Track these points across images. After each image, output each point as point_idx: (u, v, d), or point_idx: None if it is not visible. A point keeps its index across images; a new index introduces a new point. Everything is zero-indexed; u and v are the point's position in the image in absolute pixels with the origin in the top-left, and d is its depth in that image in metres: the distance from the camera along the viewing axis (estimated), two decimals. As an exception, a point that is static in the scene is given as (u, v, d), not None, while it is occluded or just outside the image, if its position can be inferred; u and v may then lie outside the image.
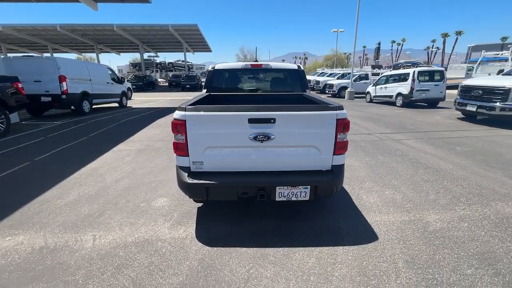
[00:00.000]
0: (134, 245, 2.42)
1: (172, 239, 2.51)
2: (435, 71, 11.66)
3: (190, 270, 2.10)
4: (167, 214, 2.96)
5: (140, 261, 2.21)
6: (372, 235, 2.56)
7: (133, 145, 5.75)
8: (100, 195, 3.41)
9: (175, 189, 3.55)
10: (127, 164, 4.56)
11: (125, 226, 2.71)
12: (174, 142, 2.43)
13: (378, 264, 2.16)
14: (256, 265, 2.16)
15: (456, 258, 2.22)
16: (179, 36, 27.08)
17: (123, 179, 3.92)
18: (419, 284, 1.95)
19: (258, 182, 2.36)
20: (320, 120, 2.31)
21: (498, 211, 2.96)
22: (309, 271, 2.09)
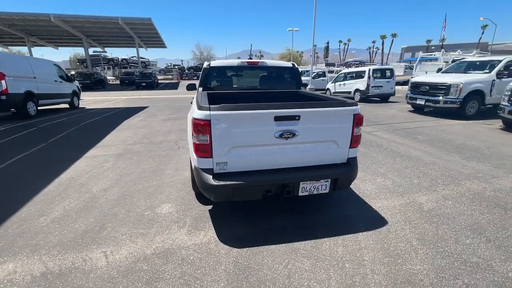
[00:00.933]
0: (156, 256, 2.25)
1: (195, 245, 2.40)
2: (386, 69, 12.99)
3: (228, 274, 2.05)
4: (179, 220, 2.80)
5: (171, 272, 2.07)
6: (381, 219, 2.80)
7: (108, 149, 5.21)
8: (91, 207, 3.05)
9: (176, 194, 3.37)
10: (110, 171, 4.13)
11: (137, 238, 2.49)
12: (195, 144, 2.30)
13: (397, 245, 2.39)
14: (292, 260, 2.20)
15: (454, 231, 2.58)
16: (131, 31, 25.10)
17: (112, 187, 3.56)
18: (435, 257, 2.22)
19: (283, 179, 2.39)
20: (339, 116, 2.43)
21: (469, 189, 3.50)
22: (342, 259, 2.21)
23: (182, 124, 7.66)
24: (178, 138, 6.08)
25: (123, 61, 42.06)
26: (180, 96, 16.11)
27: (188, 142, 2.89)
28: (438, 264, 2.14)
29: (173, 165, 4.39)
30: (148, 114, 9.42)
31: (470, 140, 5.86)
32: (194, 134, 2.29)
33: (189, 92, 5.42)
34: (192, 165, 2.70)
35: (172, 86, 25.80)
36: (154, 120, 8.28)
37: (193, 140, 2.35)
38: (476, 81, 8.00)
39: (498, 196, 3.29)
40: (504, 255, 2.24)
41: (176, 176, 3.94)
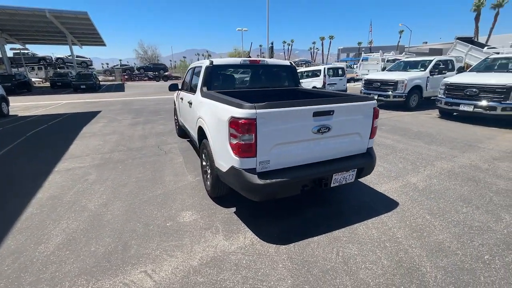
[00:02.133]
0: (206, 266, 2.12)
1: (240, 249, 2.33)
2: (338, 68, 14.21)
3: (289, 271, 2.06)
4: (208, 226, 2.67)
5: (232, 279, 1.99)
6: (392, 201, 3.14)
7: (82, 161, 4.55)
8: (99, 226, 2.67)
9: (190, 200, 3.18)
10: (98, 184, 3.64)
11: (173, 251, 2.30)
12: (238, 144, 2.24)
13: (416, 221, 2.72)
14: (339, 248, 2.32)
15: (451, 203, 3.06)
16: (62, 26, 21.93)
17: (112, 201, 3.16)
18: (449, 226, 2.61)
19: (321, 172, 2.49)
20: (363, 110, 2.65)
21: (442, 168, 4.15)
22: (381, 239, 2.43)
23: (154, 127, 7.12)
24: (158, 142, 5.65)
25: (58, 60, 35.87)
26: (134, 99, 14.83)
27: (212, 143, 2.75)
28: (454, 231, 2.53)
29: (169, 171, 4.09)
30: (107, 119, 8.45)
31: (422, 127, 6.89)
32: (237, 134, 2.22)
33: (143, 93, 5.14)
34: (221, 167, 2.60)
35: (118, 88, 23.52)
36: (119, 125, 7.48)
37: (234, 140, 2.27)
38: (416, 77, 9.39)
39: (464, 171, 3.99)
40: (494, 217, 2.76)
41: (179, 182, 3.70)
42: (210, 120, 2.77)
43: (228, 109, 2.35)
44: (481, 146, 5.24)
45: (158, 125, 7.48)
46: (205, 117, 2.94)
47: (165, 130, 6.78)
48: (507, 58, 8.18)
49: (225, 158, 2.51)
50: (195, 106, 3.51)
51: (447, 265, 2.10)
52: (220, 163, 2.63)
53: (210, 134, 2.78)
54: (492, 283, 1.92)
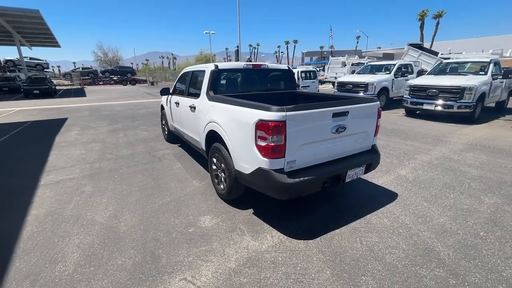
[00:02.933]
0: (245, 267, 2.16)
1: (272, 247, 2.41)
2: (311, 71, 14.86)
3: (325, 263, 2.20)
4: (232, 229, 2.69)
5: (274, 276, 2.06)
6: (392, 192, 3.45)
7: (69, 172, 4.19)
8: (116, 238, 2.54)
9: (204, 205, 3.16)
10: (98, 195, 3.41)
11: (206, 256, 2.29)
12: (267, 145, 2.32)
13: (417, 208, 3.05)
14: (361, 237, 2.53)
15: (440, 191, 3.47)
16: (8, 24, 19.62)
17: (121, 212, 3.00)
18: (445, 211, 2.98)
19: (339, 169, 2.68)
20: (370, 110, 2.90)
21: (423, 160, 4.65)
22: (393, 227, 2.69)
23: (138, 134, 6.79)
24: (147, 149, 5.42)
25: (8, 63, 31.20)
26: (101, 104, 13.86)
27: (232, 146, 2.78)
28: (450, 214, 2.90)
29: (171, 177, 3.98)
30: (80, 127, 7.82)
31: (394, 125, 7.58)
32: (266, 136, 2.30)
33: (109, 99, 5.01)
34: (243, 169, 2.65)
35: (78, 93, 21.71)
36: (97, 133, 6.98)
37: (262, 142, 2.35)
38: (383, 80, 10.27)
39: (441, 162, 4.52)
40: (476, 200, 3.21)
41: (186, 188, 3.63)
42: (229, 124, 2.80)
43: (254, 112, 2.42)
44: (447, 140, 5.96)
45: (140, 131, 7.14)
46: (220, 121, 2.95)
47: (150, 136, 6.51)
48: (457, 63, 9.38)
49: (249, 160, 2.57)
50: (202, 110, 3.50)
51: (454, 244, 2.41)
52: (242, 165, 2.68)
53: (229, 138, 2.80)
54: (492, 255, 2.26)
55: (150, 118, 9.18)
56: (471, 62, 9.03)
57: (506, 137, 6.19)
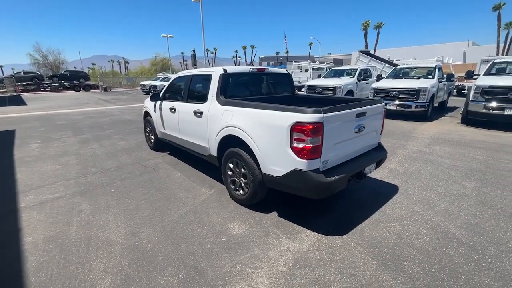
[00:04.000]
0: (297, 268, 2.18)
1: (312, 246, 2.46)
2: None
3: (367, 254, 2.33)
4: (266, 233, 2.67)
5: (328, 273, 2.12)
6: (392, 185, 3.79)
7: (52, 191, 3.65)
8: (147, 257, 2.32)
9: (226, 212, 3.07)
10: (102, 213, 3.05)
11: (254, 263, 2.25)
12: (305, 147, 2.38)
13: (419, 197, 3.41)
14: (386, 227, 2.73)
15: (429, 180, 3.92)
16: None
17: (139, 228, 2.74)
18: (441, 196, 3.38)
19: (361, 166, 2.86)
20: (379, 110, 3.17)
21: (404, 154, 5.19)
22: (408, 215, 2.96)
23: (115, 143, 6.21)
24: (135, 159, 5.01)
25: None
26: (51, 113, 12.28)
27: (259, 150, 2.76)
28: (447, 200, 3.30)
29: (176, 187, 3.76)
30: (39, 139, 6.83)
31: (366, 124, 8.27)
32: (304, 138, 2.36)
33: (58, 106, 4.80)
34: (273, 172, 2.67)
35: (14, 101, 18.85)
36: (64, 144, 6.18)
37: (299, 144, 2.40)
38: (349, 83, 11.14)
39: (419, 155, 5.11)
40: (460, 186, 3.71)
41: (197, 197, 3.47)
42: (255, 128, 2.78)
43: (288, 115, 2.45)
44: (414, 136, 6.74)
45: (116, 140, 6.54)
46: (243, 125, 2.90)
47: (131, 146, 6.02)
48: (409, 68, 10.66)
49: (281, 163, 2.59)
50: (212, 115, 3.39)
51: (462, 224, 2.77)
52: (271, 168, 2.69)
53: (255, 142, 2.78)
54: (494, 230, 2.66)
55: (120, 127, 8.47)
56: (420, 68, 10.35)
57: (456, 131, 7.24)
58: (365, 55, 21.29)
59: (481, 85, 7.42)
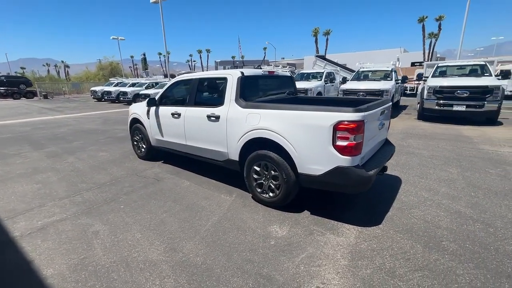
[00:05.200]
0: (357, 260, 2.28)
1: (358, 238, 2.59)
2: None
3: (409, 239, 2.55)
4: (310, 231, 2.72)
5: (387, 259, 2.26)
6: (395, 177, 4.16)
7: (45, 213, 3.10)
8: (202, 271, 2.16)
9: (258, 216, 3.03)
10: (124, 231, 2.72)
11: (315, 261, 2.27)
12: (350, 144, 2.50)
13: (420, 184, 3.82)
14: (410, 214, 3.01)
15: (421, 169, 4.42)
16: None
17: (177, 243, 2.52)
18: (438, 182, 3.85)
19: (385, 160, 3.11)
20: (389, 108, 3.48)
21: (387, 149, 5.73)
22: (421, 201, 3.30)
23: (95, 155, 5.55)
24: (128, 171, 4.56)
25: None
26: None
27: (297, 151, 2.79)
28: (444, 185, 3.77)
29: (192, 196, 3.55)
30: (-11, 155, 5.73)
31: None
32: (348, 136, 2.48)
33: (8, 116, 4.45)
34: (313, 171, 2.74)
35: None
36: (29, 160, 5.27)
37: (343, 142, 2.52)
38: (318, 85, 11.82)
39: (401, 149, 5.67)
40: (447, 172, 4.26)
41: (222, 204, 3.34)
42: (291, 129, 2.80)
43: (330, 115, 2.55)
44: (387, 131, 7.47)
45: (94, 152, 5.86)
46: (276, 127, 2.89)
47: (116, 156, 5.46)
48: (369, 71, 11.78)
49: (321, 162, 2.67)
50: (233, 119, 3.31)
51: (467, 204, 3.20)
52: (310, 167, 2.75)
53: (292, 143, 2.80)
54: (492, 206, 3.13)
55: (89, 137, 7.60)
56: (379, 70, 11.53)
57: (418, 126, 8.26)
58: (321, 59, 22.75)
59: (433, 86, 8.60)
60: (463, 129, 7.56)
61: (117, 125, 9.81)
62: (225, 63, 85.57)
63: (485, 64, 9.38)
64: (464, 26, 15.98)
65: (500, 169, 4.32)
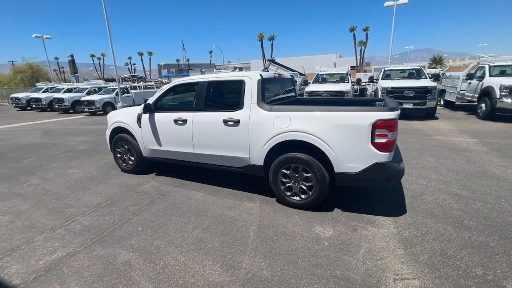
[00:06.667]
0: (409, 248, 2.44)
1: (398, 227, 2.78)
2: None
3: (437, 223, 2.85)
4: (352, 228, 2.81)
5: (433, 244, 2.48)
6: (388, 168, 4.59)
7: (44, 250, 2.45)
8: (277, 283, 2.03)
9: (295, 219, 3.00)
10: (158, 258, 2.35)
11: (375, 254, 2.36)
12: (388, 141, 2.69)
13: (414, 172, 4.30)
14: (425, 199, 3.37)
15: (416, 158, 4.98)
16: None
17: (227, 260, 2.31)
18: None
19: (400, 153, 3.40)
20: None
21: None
22: (423, 187, 3.73)
23: (66, 175, 4.65)
24: (123, 187, 3.96)
25: None
26: None
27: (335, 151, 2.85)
28: (432, 171, 4.32)
29: (214, 207, 3.29)
30: None
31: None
32: (387, 133, 2.66)
33: None
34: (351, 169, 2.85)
35: None
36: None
37: (382, 139, 2.69)
38: (283, 88, 12.23)
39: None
40: (427, 161, 4.90)
41: (250, 211, 3.18)
42: (329, 129, 2.84)
43: (369, 114, 2.69)
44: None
45: (62, 169, 4.91)
46: (311, 128, 2.89)
47: (94, 173, 4.69)
48: (327, 74, 12.74)
49: (360, 159, 2.79)
50: (256, 123, 3.19)
51: (459, 187, 3.73)
52: (348, 166, 2.85)
53: (329, 143, 2.84)
54: (477, 186, 3.72)
55: (39, 152, 6.36)
56: (335, 74, 12.57)
57: (377, 122, 9.27)
58: (274, 63, 23.67)
59: (385, 87, 9.77)
60: (414, 124, 8.78)
61: (68, 136, 8.44)
62: (170, 67, 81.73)
63: (420, 69, 11.10)
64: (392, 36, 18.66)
65: (462, 155, 5.16)
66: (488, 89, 8.81)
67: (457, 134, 7.02)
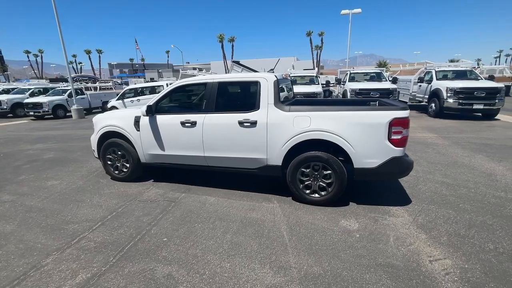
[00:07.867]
0: (429, 232, 2.72)
1: (412, 215, 3.07)
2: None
3: (449, 208, 3.21)
4: (374, 220, 3.01)
5: (450, 227, 2.81)
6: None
7: (63, 274, 2.10)
8: (348, 276, 2.09)
9: (318, 215, 3.11)
10: (201, 266, 2.22)
11: (403, 243, 2.57)
12: (403, 137, 2.97)
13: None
14: (438, 189, 3.76)
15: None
16: None
17: (274, 262, 2.30)
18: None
19: (398, 149, 3.75)
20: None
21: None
22: (414, 178, 4.17)
23: (44, 188, 4.03)
24: (124, 197, 3.59)
25: None
26: None
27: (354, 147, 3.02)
28: (417, 163, 4.84)
29: (235, 211, 3.21)
30: None
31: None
32: (402, 130, 2.93)
33: None
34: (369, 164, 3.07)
35: None
36: None
37: (398, 136, 2.95)
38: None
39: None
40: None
41: (273, 212, 3.18)
42: (349, 128, 2.99)
43: (386, 113, 2.92)
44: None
45: (36, 182, 4.24)
46: (333, 128, 3.01)
47: (78, 184, 4.16)
48: (298, 76, 13.25)
49: (377, 155, 3.02)
50: (275, 123, 3.21)
51: (442, 176, 4.25)
52: (366, 161, 3.05)
53: (350, 141, 3.00)
54: (457, 174, 4.29)
55: (4, 163, 5.41)
56: (306, 76, 13.14)
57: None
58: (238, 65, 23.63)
59: (354, 88, 10.58)
60: (381, 122, 9.65)
61: (20, 144, 7.33)
62: (122, 66, 76.06)
63: (381, 72, 12.26)
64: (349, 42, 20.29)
65: (432, 148, 5.87)
66: (436, 91, 10.11)
67: (420, 130, 7.94)
